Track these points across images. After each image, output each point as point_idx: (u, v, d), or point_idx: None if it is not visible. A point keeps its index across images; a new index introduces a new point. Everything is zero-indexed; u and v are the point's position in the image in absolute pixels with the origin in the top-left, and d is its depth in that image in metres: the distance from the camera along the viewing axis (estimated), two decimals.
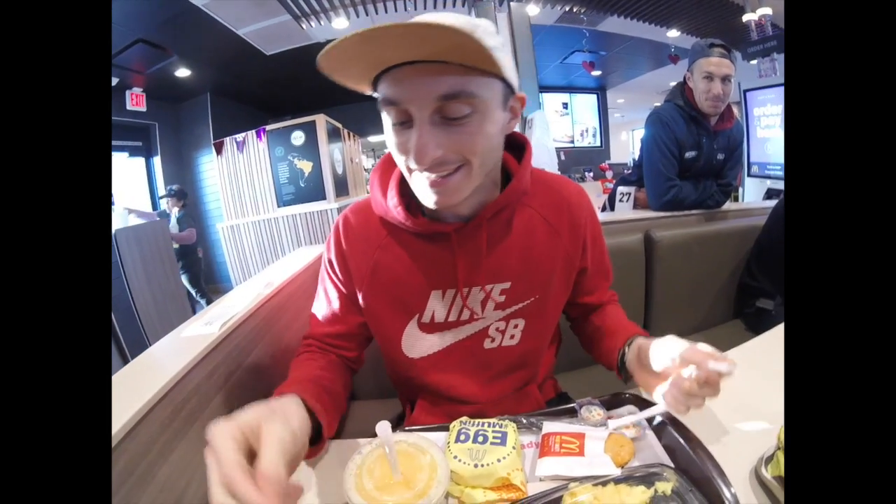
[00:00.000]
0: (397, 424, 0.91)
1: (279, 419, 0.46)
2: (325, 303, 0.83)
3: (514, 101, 0.66)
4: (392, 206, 0.72)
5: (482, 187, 0.69)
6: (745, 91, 6.03)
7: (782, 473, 0.51)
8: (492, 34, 0.59)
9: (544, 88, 4.40)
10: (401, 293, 0.76)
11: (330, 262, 0.81)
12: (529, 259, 0.76)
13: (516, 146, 0.77)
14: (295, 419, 0.50)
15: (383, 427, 0.47)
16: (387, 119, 0.62)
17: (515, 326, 0.80)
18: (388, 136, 0.63)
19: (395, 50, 0.53)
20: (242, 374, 0.88)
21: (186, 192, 4.98)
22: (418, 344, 0.80)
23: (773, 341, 0.90)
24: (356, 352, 0.85)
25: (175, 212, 4.75)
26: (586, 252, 0.82)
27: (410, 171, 0.64)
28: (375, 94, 0.61)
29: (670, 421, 0.64)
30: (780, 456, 0.52)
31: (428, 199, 0.64)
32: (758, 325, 1.59)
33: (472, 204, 0.70)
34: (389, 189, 0.73)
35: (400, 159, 0.64)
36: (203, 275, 4.93)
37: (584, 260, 0.82)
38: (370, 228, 0.77)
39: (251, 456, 0.43)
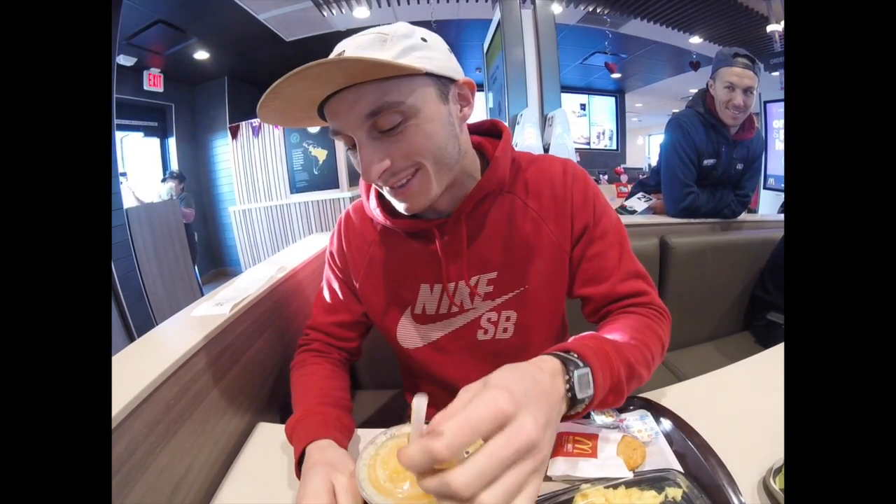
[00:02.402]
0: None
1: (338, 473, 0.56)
2: (329, 293, 0.87)
3: (458, 89, 0.65)
4: (373, 208, 0.75)
5: (457, 182, 0.70)
6: (766, 103, 5.89)
7: None
8: (401, 37, 0.58)
9: (564, 88, 4.35)
10: (394, 286, 0.79)
11: (332, 254, 0.85)
12: (512, 248, 0.74)
13: (497, 135, 0.77)
14: (341, 464, 0.58)
15: (420, 401, 0.40)
16: (341, 146, 0.62)
17: (507, 319, 0.78)
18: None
19: (314, 89, 0.55)
20: (252, 356, 0.88)
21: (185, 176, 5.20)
22: (414, 334, 0.82)
23: (783, 354, 0.89)
24: (356, 342, 0.88)
25: (178, 192, 4.85)
26: (574, 219, 0.74)
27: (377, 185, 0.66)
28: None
29: (682, 427, 0.64)
30: None
31: (399, 206, 0.67)
32: (767, 339, 1.58)
33: (450, 199, 0.71)
34: (371, 194, 0.76)
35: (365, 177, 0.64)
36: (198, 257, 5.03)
37: (574, 231, 0.75)
38: (366, 225, 0.81)
39: None
